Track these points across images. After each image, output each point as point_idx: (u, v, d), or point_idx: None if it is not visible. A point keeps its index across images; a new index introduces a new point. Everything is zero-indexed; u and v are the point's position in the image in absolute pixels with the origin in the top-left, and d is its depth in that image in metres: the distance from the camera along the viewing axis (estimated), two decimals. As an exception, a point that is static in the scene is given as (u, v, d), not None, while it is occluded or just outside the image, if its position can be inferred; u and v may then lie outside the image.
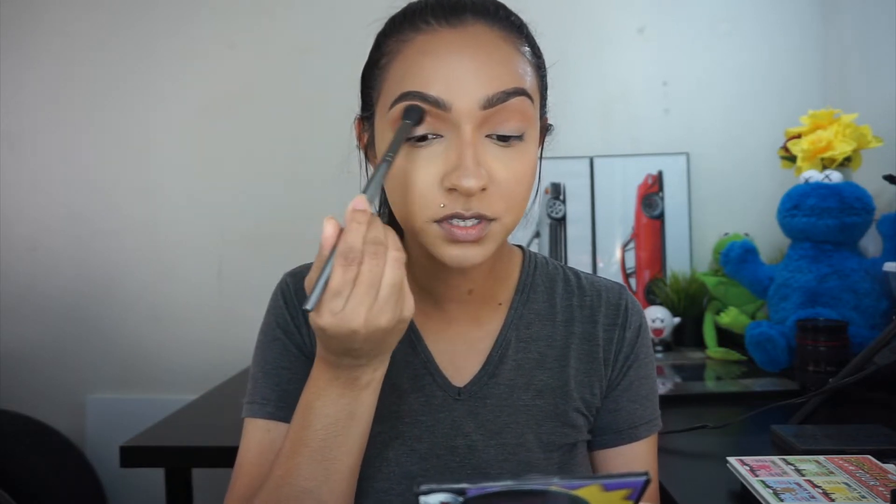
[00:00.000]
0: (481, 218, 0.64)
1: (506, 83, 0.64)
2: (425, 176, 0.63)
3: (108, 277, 2.02)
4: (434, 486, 0.42)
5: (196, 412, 1.46)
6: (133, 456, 1.25)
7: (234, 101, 1.98)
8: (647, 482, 0.43)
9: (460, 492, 0.42)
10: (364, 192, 0.58)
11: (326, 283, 0.55)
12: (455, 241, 0.64)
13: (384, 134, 0.66)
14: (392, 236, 0.57)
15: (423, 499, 0.42)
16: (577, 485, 0.43)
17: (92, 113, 2.01)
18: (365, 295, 0.55)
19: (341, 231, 0.56)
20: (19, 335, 2.05)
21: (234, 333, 1.96)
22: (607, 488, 0.43)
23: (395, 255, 0.56)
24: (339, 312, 0.55)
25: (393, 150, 0.61)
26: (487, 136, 0.64)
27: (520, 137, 0.65)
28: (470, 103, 0.62)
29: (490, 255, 0.67)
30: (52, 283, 2.04)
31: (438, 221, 0.64)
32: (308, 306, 0.54)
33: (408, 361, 0.74)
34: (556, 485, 0.43)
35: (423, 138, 0.64)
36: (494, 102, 0.63)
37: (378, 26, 0.72)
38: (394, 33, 0.68)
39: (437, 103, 0.62)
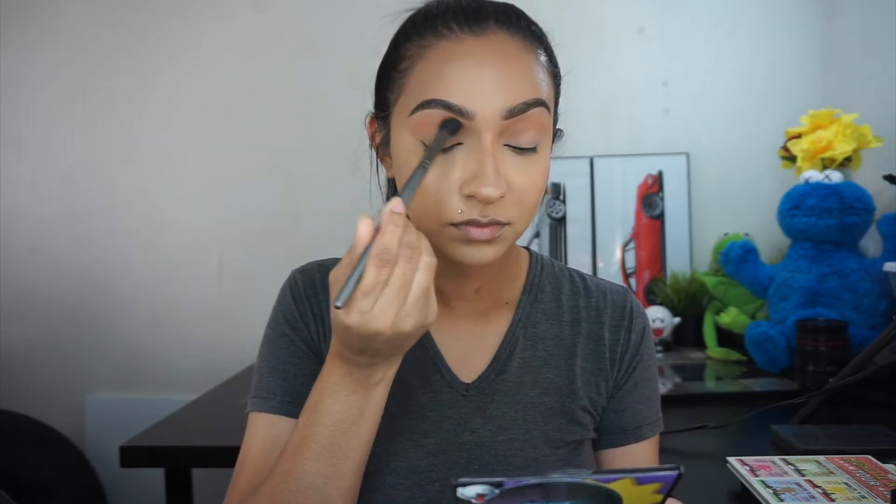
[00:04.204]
0: (496, 223, 0.65)
1: (527, 94, 0.64)
2: (445, 182, 0.64)
3: (108, 278, 2.02)
4: (471, 479, 0.43)
5: (196, 412, 1.46)
6: (133, 456, 1.25)
7: (234, 101, 1.98)
8: (680, 476, 0.44)
9: (497, 484, 0.44)
10: (401, 195, 0.59)
11: (358, 281, 0.55)
12: (469, 240, 0.65)
13: (402, 137, 0.67)
14: (425, 242, 0.58)
15: (460, 490, 0.44)
16: (610, 478, 0.44)
17: (91, 113, 2.01)
18: (395, 297, 0.55)
19: (376, 231, 0.56)
20: (19, 335, 2.05)
21: (234, 333, 1.96)
22: (640, 482, 0.44)
23: (427, 261, 0.57)
24: (368, 312, 0.55)
25: (430, 156, 0.62)
26: (506, 144, 0.65)
27: (534, 148, 0.66)
28: (492, 113, 0.63)
29: (500, 256, 0.68)
30: (51, 284, 2.04)
31: (455, 225, 0.65)
32: (338, 303, 0.54)
33: (416, 357, 0.75)
34: (590, 478, 0.44)
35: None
36: (515, 113, 0.64)
37: (380, 26, 0.72)
38: (415, 37, 0.67)
39: (460, 112, 0.63)
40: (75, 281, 2.03)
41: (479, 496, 0.44)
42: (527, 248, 0.83)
